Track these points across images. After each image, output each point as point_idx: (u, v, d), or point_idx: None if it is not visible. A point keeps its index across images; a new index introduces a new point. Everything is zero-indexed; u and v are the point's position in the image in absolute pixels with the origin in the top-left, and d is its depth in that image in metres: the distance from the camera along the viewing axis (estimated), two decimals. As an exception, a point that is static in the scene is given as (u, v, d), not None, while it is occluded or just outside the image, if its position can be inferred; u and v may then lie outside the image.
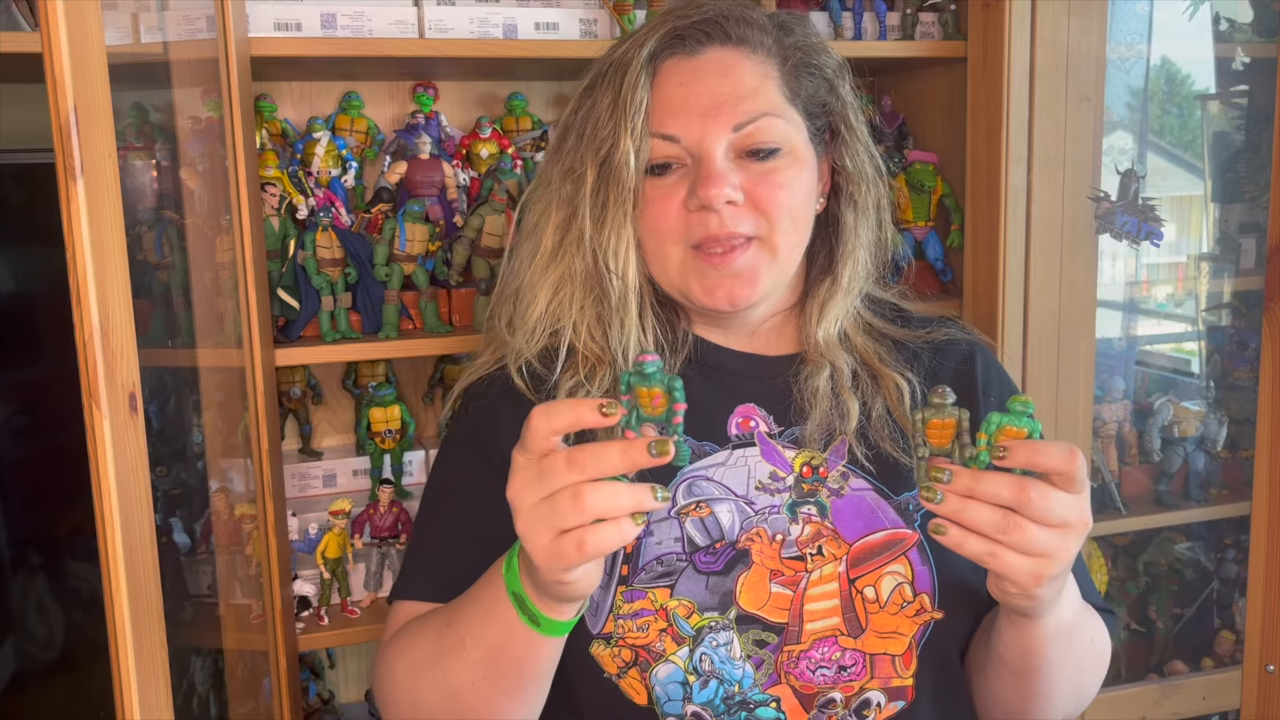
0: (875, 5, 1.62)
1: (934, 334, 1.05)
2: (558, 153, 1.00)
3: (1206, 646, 1.87)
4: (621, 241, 0.95)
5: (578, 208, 0.96)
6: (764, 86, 0.95)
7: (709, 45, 0.96)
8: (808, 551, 0.93)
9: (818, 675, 0.93)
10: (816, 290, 1.02)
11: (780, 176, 0.94)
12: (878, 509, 0.96)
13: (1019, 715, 0.96)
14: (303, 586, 1.47)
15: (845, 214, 1.01)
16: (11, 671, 1.54)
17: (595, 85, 0.98)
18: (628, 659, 0.92)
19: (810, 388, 0.97)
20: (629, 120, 0.93)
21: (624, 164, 0.93)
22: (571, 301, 0.98)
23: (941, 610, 0.95)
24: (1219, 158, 1.99)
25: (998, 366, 1.08)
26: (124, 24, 1.22)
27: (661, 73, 0.95)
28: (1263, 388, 1.72)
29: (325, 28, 1.37)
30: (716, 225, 0.92)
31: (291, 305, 1.42)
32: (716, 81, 0.94)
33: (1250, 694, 1.77)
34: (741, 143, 0.93)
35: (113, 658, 0.79)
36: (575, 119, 0.99)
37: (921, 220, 1.68)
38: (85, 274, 0.75)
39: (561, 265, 0.98)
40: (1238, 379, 1.87)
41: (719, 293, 0.94)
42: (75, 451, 0.79)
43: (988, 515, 0.73)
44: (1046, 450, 0.72)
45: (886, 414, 0.98)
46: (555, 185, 0.99)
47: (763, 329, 1.03)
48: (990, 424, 0.74)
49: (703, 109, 0.93)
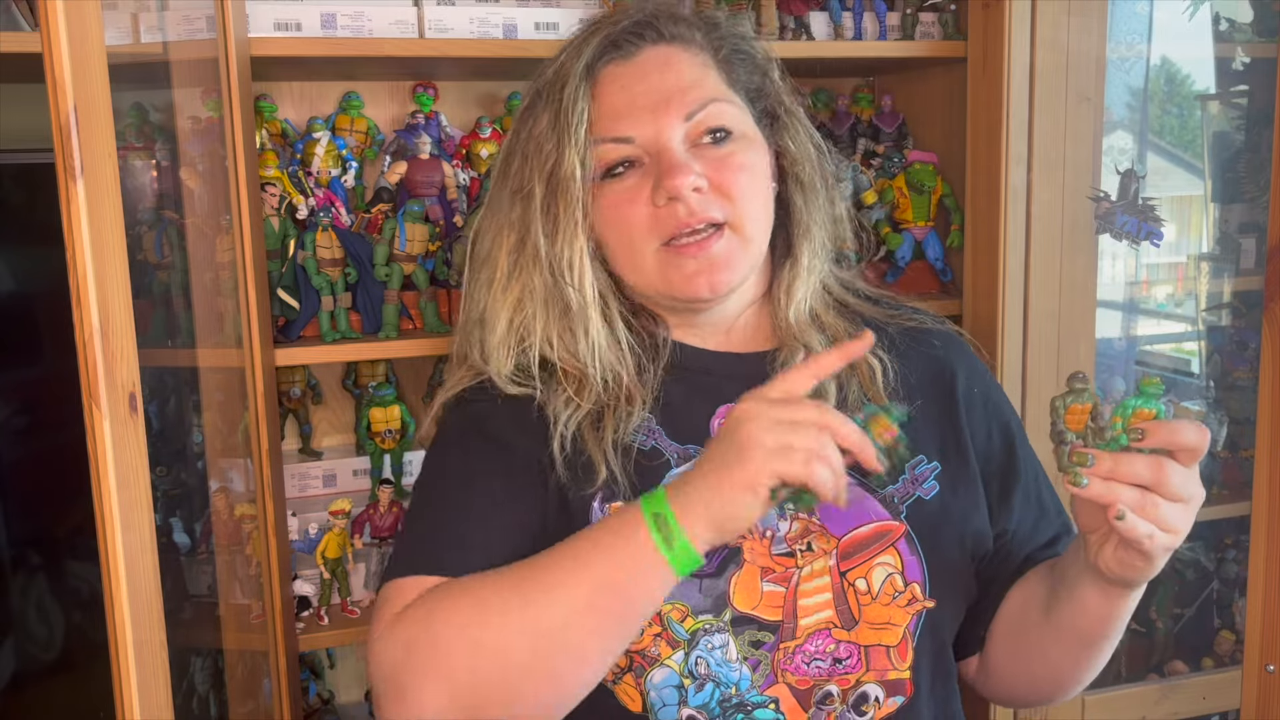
0: (875, 5, 1.62)
1: (903, 317, 1.06)
2: (504, 177, 1.00)
3: (1206, 646, 1.87)
4: (575, 252, 0.95)
5: (529, 225, 0.96)
6: (705, 76, 0.97)
7: (644, 46, 0.97)
8: (797, 548, 0.94)
9: (812, 668, 0.93)
10: (780, 275, 1.02)
11: (739, 159, 0.95)
12: (862, 502, 0.96)
13: (1064, 683, 1.01)
14: (303, 586, 1.47)
15: (794, 196, 1.02)
16: (11, 671, 1.54)
17: (535, 105, 0.98)
18: (622, 665, 0.92)
19: (787, 370, 0.97)
20: (571, 132, 0.93)
21: (570, 175, 0.93)
22: (535, 319, 0.97)
23: (933, 599, 0.95)
24: (1219, 158, 1.99)
25: (969, 353, 1.08)
26: (124, 24, 1.22)
27: (601, 80, 0.96)
28: (1263, 388, 1.72)
29: (325, 28, 1.37)
30: (686, 214, 0.92)
31: (291, 305, 1.42)
32: (659, 77, 0.95)
33: (1250, 694, 1.77)
34: (695, 131, 0.94)
35: (113, 658, 0.79)
36: (518, 140, 0.99)
37: (921, 220, 1.68)
38: (85, 274, 0.75)
39: (519, 283, 0.98)
40: (1238, 379, 1.87)
41: (700, 279, 0.94)
42: (75, 451, 0.79)
43: (1129, 495, 0.78)
44: (1182, 429, 0.78)
45: (862, 397, 0.98)
46: (505, 209, 0.99)
47: (737, 325, 1.03)
48: (1126, 408, 0.79)
49: (652, 105, 0.94)
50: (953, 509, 0.98)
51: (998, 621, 1.03)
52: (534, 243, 0.96)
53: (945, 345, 1.06)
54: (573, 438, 0.95)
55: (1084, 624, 0.93)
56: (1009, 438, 1.05)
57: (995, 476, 1.03)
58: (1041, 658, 0.99)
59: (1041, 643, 0.98)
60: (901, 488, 0.97)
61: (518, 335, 0.98)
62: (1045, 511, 1.06)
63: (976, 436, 1.03)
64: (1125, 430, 0.78)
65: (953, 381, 1.03)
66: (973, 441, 1.02)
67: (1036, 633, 0.98)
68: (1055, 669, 1.00)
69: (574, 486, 0.93)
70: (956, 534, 0.98)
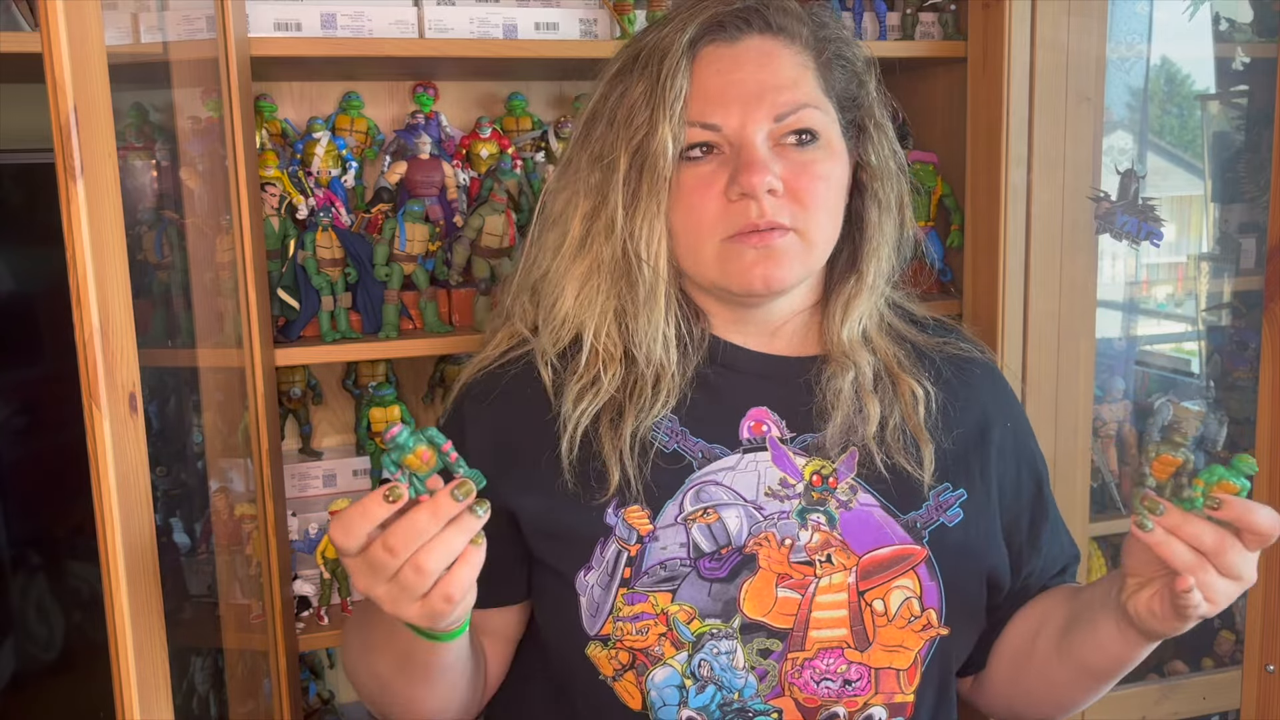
0: (875, 5, 1.62)
1: (949, 345, 1.05)
2: (586, 139, 0.97)
3: (1206, 646, 1.87)
4: (654, 230, 0.93)
5: (608, 195, 0.94)
6: (802, 78, 0.94)
7: (749, 33, 0.94)
8: (817, 559, 0.92)
9: (822, 688, 0.92)
10: (841, 288, 1.00)
11: (819, 168, 0.93)
12: (885, 525, 0.95)
13: (1064, 706, 1.02)
14: (303, 586, 1.47)
15: (870, 210, 1.00)
16: (11, 671, 1.54)
17: (628, 71, 0.95)
18: (625, 661, 0.92)
19: (834, 389, 0.96)
20: (668, 106, 0.91)
21: (661, 151, 0.91)
22: (598, 293, 0.95)
23: (948, 626, 0.95)
24: (1219, 158, 1.99)
25: (1006, 387, 1.08)
26: (124, 24, 1.22)
27: (699, 60, 0.93)
28: (1263, 388, 1.72)
29: (325, 28, 1.37)
30: (757, 214, 0.90)
31: (291, 305, 1.42)
32: (756, 70, 0.93)
33: (1250, 694, 1.77)
34: (781, 132, 0.92)
35: (113, 658, 0.79)
36: (606, 105, 0.96)
37: (921, 220, 1.68)
38: (85, 274, 0.75)
39: (590, 255, 0.96)
40: (1238, 379, 1.87)
41: (755, 271, 0.92)
42: (75, 451, 0.79)
43: (1184, 553, 0.80)
44: (1257, 512, 0.79)
45: (901, 423, 0.97)
46: (583, 173, 0.96)
47: (784, 330, 1.01)
48: (1213, 474, 0.81)
49: (744, 97, 0.92)
50: (976, 539, 0.97)
51: (1003, 643, 1.03)
52: (610, 213, 0.94)
53: (985, 377, 1.05)
54: (583, 440, 0.93)
55: (1095, 659, 0.94)
56: (1038, 479, 1.05)
57: (1025, 517, 1.02)
58: (1046, 683, 0.99)
59: (1048, 668, 0.98)
60: (925, 514, 0.96)
61: (580, 310, 0.96)
62: (1061, 545, 1.06)
63: (1006, 476, 1.01)
64: (1204, 495, 0.80)
65: (988, 416, 1.02)
66: (1002, 481, 1.01)
67: (1044, 658, 0.98)
68: (1058, 694, 1.00)
69: (584, 494, 0.92)
70: (977, 564, 0.97)
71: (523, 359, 0.99)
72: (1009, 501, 1.01)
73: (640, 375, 0.95)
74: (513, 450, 0.96)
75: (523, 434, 0.96)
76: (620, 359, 0.96)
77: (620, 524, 0.92)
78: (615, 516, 0.92)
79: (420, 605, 0.74)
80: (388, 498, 0.72)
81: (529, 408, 0.96)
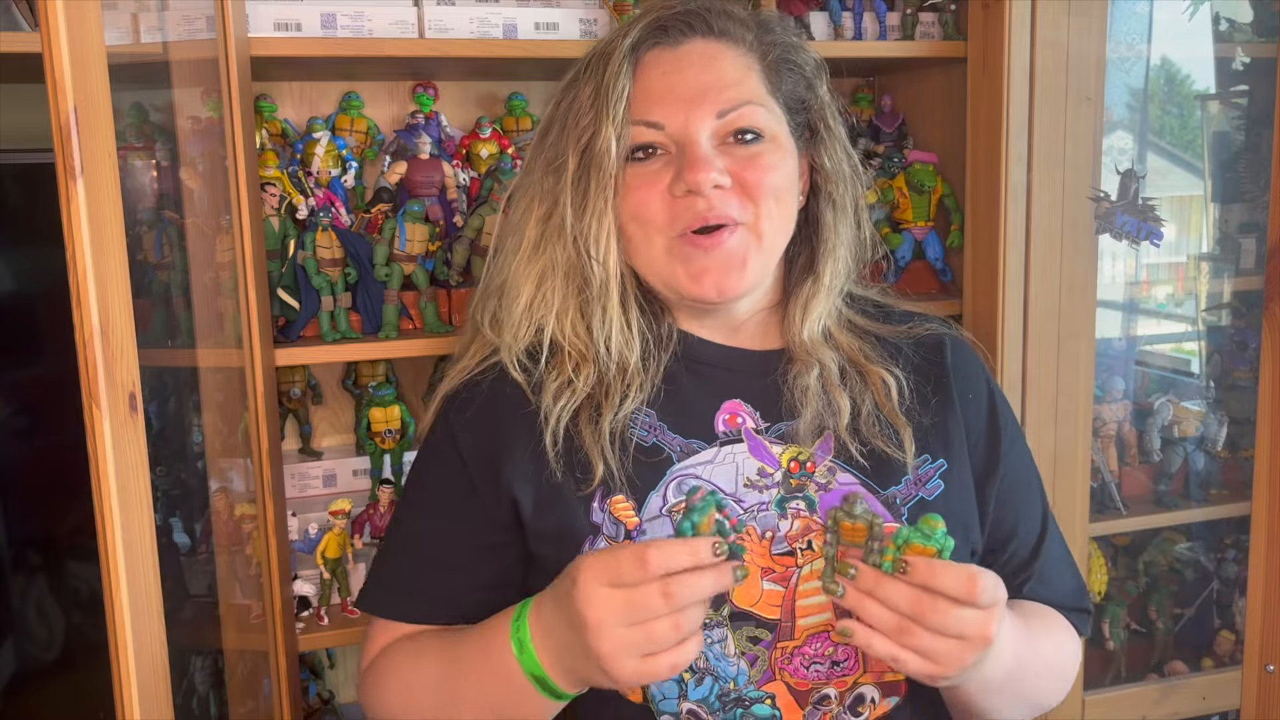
0: (875, 5, 1.62)
1: (915, 329, 1.06)
2: (540, 146, 1.01)
3: (1206, 646, 1.87)
4: (603, 228, 0.95)
5: (559, 197, 0.96)
6: (746, 78, 0.96)
7: (691, 36, 0.97)
8: (798, 546, 0.94)
9: (811, 671, 0.93)
10: (799, 290, 1.02)
11: (765, 160, 0.95)
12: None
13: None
14: (303, 586, 1.47)
15: (824, 212, 1.02)
16: (11, 671, 1.54)
17: (578, 78, 0.98)
18: None
19: (800, 386, 0.97)
20: (610, 108, 0.93)
21: (605, 150, 0.93)
22: (554, 293, 0.98)
23: None
24: (1219, 158, 1.99)
25: (971, 355, 1.08)
26: (124, 24, 1.22)
27: (644, 63, 0.96)
28: (1263, 388, 1.72)
29: (325, 28, 1.37)
30: (704, 208, 0.92)
31: (291, 305, 1.42)
32: (699, 71, 0.95)
33: (1250, 694, 1.77)
34: (725, 129, 0.94)
35: (113, 658, 0.79)
36: (558, 112, 0.99)
37: (921, 220, 1.68)
38: (85, 274, 0.75)
39: (544, 257, 0.98)
40: (1238, 379, 1.87)
41: (706, 280, 0.94)
42: (75, 451, 0.79)
43: (885, 616, 0.79)
44: (944, 574, 0.78)
45: (875, 409, 0.98)
46: (538, 178, 0.99)
47: (746, 325, 1.02)
48: (899, 537, 0.79)
49: (687, 96, 0.94)
50: (956, 509, 0.98)
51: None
52: (561, 214, 0.96)
53: (954, 350, 1.06)
54: (565, 434, 0.95)
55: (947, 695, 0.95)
56: (999, 439, 1.04)
57: (992, 482, 1.03)
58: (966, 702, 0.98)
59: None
60: (904, 489, 0.97)
61: (537, 309, 0.98)
62: (1031, 518, 1.06)
63: (974, 437, 1.03)
64: (893, 559, 0.79)
65: (959, 386, 1.03)
66: (974, 448, 1.02)
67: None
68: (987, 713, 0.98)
69: (571, 485, 0.93)
70: (959, 535, 0.98)
71: (499, 364, 1.00)
72: (979, 463, 1.02)
73: (607, 371, 0.97)
74: (504, 446, 0.97)
75: (510, 430, 0.97)
76: (592, 359, 0.97)
77: (607, 520, 0.93)
78: (602, 512, 0.93)
79: (641, 662, 0.76)
80: (717, 551, 0.76)
81: (512, 406, 0.98)
